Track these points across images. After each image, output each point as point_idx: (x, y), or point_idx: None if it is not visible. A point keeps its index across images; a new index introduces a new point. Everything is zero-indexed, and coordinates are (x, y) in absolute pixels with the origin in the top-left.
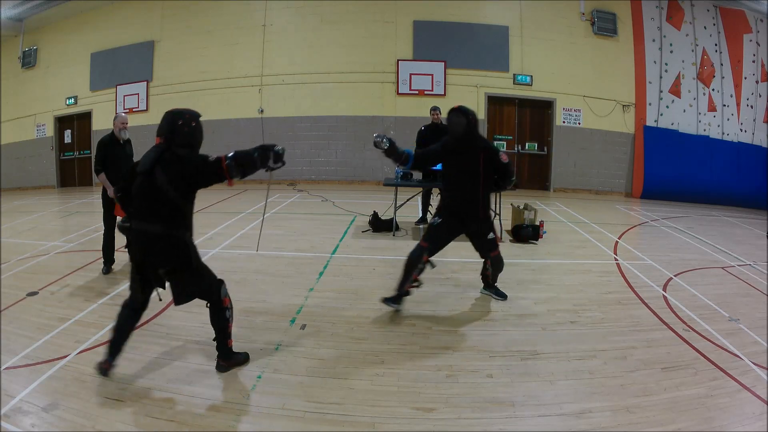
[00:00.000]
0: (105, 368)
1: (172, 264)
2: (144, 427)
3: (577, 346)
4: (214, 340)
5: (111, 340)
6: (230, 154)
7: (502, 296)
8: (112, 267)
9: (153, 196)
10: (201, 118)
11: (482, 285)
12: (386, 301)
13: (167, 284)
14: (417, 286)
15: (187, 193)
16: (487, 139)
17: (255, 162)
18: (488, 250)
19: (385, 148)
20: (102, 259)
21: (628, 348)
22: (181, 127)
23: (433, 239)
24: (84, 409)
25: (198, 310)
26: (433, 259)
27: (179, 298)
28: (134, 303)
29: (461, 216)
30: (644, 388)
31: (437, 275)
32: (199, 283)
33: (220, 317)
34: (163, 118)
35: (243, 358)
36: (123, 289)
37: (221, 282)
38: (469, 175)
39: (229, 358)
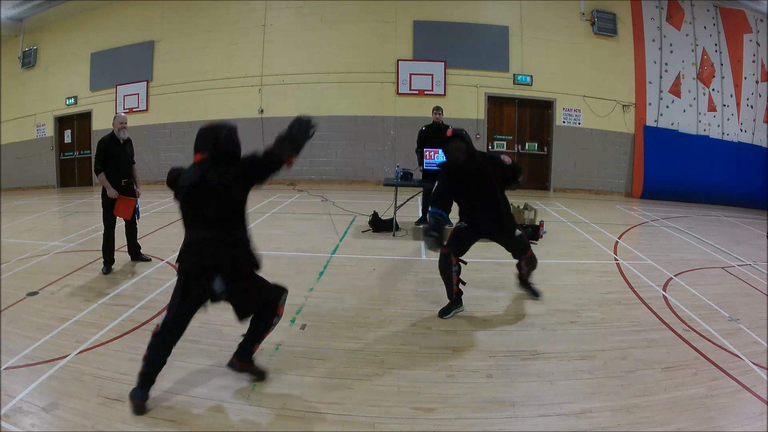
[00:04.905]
0: (139, 405)
1: (234, 267)
2: (144, 427)
3: (577, 346)
4: (241, 336)
5: (141, 372)
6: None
7: (536, 294)
8: (112, 267)
9: (204, 203)
10: (201, 118)
11: (518, 282)
12: (442, 313)
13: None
14: (464, 284)
15: (243, 193)
16: (480, 150)
17: (296, 138)
18: (521, 253)
19: (438, 235)
20: (102, 259)
21: (628, 348)
22: (227, 138)
23: (454, 244)
24: (84, 409)
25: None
26: (435, 259)
27: (245, 309)
28: (170, 328)
29: (487, 230)
30: (644, 388)
31: (437, 275)
32: (266, 283)
33: (266, 321)
34: (201, 134)
35: (259, 371)
36: (123, 289)
37: (286, 290)
38: (486, 196)
39: (247, 361)
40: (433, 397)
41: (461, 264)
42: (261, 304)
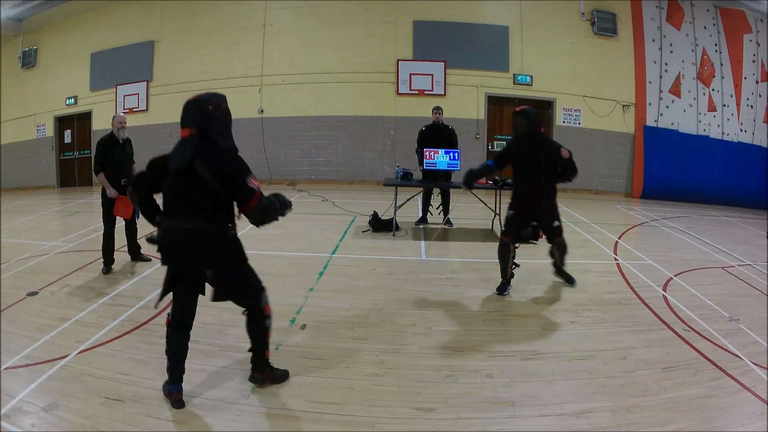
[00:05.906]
0: (177, 399)
1: (218, 264)
2: (144, 427)
3: (577, 346)
4: (249, 350)
5: (168, 367)
6: (265, 195)
7: (571, 281)
8: (112, 267)
9: (193, 190)
10: None
11: (553, 270)
12: (500, 291)
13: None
14: (518, 266)
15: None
16: (548, 135)
17: (276, 212)
18: (553, 237)
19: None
20: (102, 259)
21: (628, 348)
22: (214, 113)
23: (511, 232)
24: (84, 409)
25: (198, 309)
26: (435, 259)
27: (219, 294)
28: (178, 318)
29: (528, 207)
30: (644, 388)
31: (437, 275)
32: (242, 282)
33: (259, 326)
34: (186, 107)
35: (282, 375)
36: (123, 288)
37: (264, 288)
38: (531, 171)
39: (264, 371)
40: (433, 397)
41: (516, 249)
42: (240, 299)
